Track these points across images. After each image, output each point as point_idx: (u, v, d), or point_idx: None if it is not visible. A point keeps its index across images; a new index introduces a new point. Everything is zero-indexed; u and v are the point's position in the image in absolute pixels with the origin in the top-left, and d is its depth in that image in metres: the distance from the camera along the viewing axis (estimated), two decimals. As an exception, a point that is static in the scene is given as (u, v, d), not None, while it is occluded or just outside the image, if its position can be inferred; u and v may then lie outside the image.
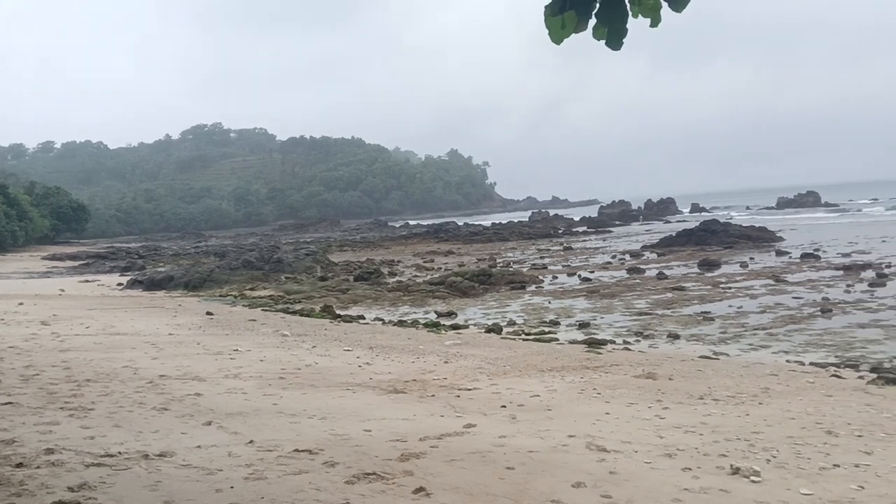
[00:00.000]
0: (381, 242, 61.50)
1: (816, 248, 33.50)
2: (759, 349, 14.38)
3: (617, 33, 3.52)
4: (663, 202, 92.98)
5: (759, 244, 38.66)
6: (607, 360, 12.76)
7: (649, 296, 22.43)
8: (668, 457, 6.67)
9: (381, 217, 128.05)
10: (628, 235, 56.48)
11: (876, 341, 14.43)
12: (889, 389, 10.14)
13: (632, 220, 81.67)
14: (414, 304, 23.66)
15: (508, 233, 61.96)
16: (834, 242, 37.11)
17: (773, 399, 9.44)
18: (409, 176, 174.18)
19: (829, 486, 5.82)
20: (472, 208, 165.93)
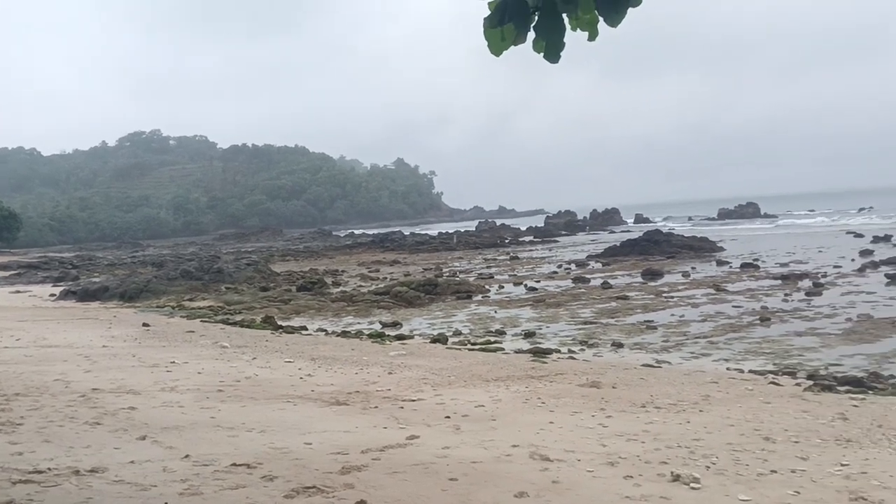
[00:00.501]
0: (326, 252, 60.99)
1: (756, 258, 34.49)
2: (701, 357, 14.71)
3: (555, 46, 3.58)
4: (608, 212, 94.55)
5: (700, 254, 39.59)
6: (552, 369, 12.87)
7: (594, 305, 22.75)
8: (610, 465, 6.76)
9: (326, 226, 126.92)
10: (574, 245, 57.23)
11: (812, 349, 14.90)
12: (824, 396, 10.47)
13: (577, 230, 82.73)
14: (358, 315, 23.51)
15: (455, 242, 62.13)
16: (772, 252, 38.25)
17: (714, 406, 9.65)
18: (354, 185, 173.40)
19: (767, 492, 5.96)
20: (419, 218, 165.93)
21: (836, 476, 6.42)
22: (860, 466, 6.71)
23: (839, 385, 11.34)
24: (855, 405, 9.59)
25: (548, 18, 3.54)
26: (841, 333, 16.23)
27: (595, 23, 3.59)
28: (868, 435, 7.96)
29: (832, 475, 6.44)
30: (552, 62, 3.63)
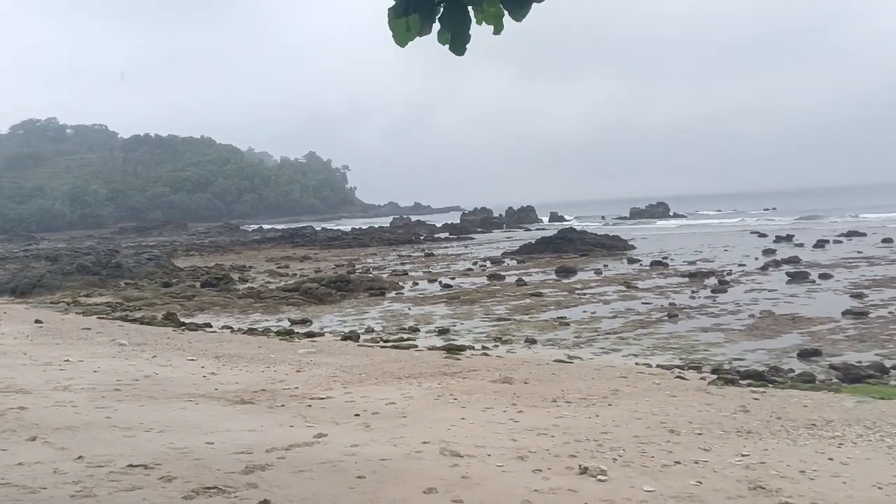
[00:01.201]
0: (232, 247, 59.62)
1: (665, 257, 35.67)
2: (611, 352, 15.12)
3: (460, 38, 3.60)
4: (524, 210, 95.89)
5: (612, 252, 40.66)
6: (465, 365, 12.98)
7: (508, 302, 23.06)
8: (520, 459, 6.87)
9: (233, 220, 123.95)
10: (490, 242, 57.85)
11: (717, 344, 15.53)
12: (727, 389, 10.94)
13: (493, 227, 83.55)
14: (266, 312, 23.11)
15: (369, 238, 61.74)
16: (681, 251, 39.68)
17: (622, 400, 9.94)
18: (263, 178, 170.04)
19: (671, 483, 6.18)
20: (331, 213, 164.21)
21: (736, 466, 6.72)
22: (759, 456, 7.04)
23: (741, 379, 11.86)
24: (756, 398, 10.06)
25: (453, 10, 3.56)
26: (744, 329, 16.97)
27: (500, 16, 3.62)
28: (767, 426, 8.37)
29: (733, 465, 6.74)
30: (458, 54, 3.65)
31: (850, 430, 8.06)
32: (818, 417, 8.72)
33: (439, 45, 3.68)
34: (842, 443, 7.59)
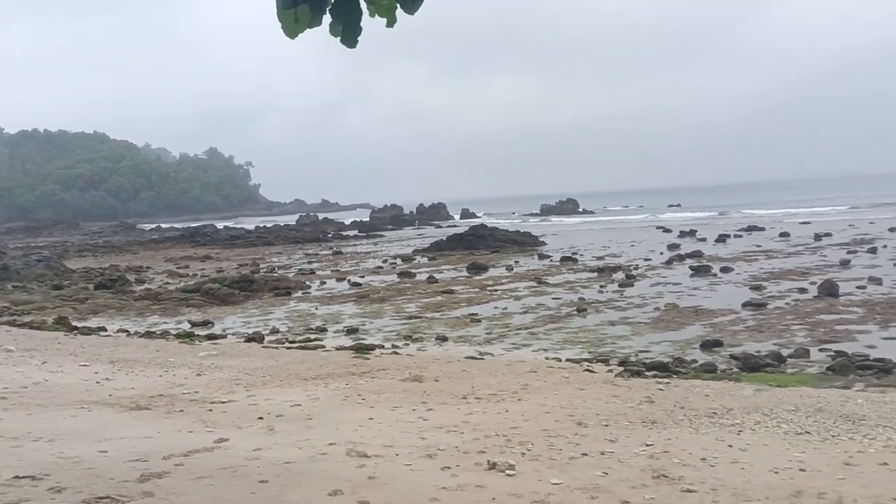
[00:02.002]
0: (129, 247, 57.66)
1: (574, 252, 36.50)
2: (522, 348, 15.37)
3: (352, 31, 3.56)
4: (435, 207, 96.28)
5: (523, 248, 41.33)
6: (375, 364, 12.94)
7: (419, 299, 23.11)
8: (428, 457, 6.89)
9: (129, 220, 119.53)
10: (400, 240, 57.82)
11: (624, 337, 16.00)
12: (633, 381, 11.29)
13: (404, 224, 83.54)
14: (165, 314, 22.42)
15: (274, 237, 60.72)
16: (590, 247, 40.69)
17: (532, 395, 10.11)
18: (161, 175, 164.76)
19: (577, 475, 6.32)
20: (234, 211, 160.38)
21: (641, 456, 6.92)
22: (663, 446, 7.28)
23: (647, 370, 12.28)
24: (660, 389, 10.41)
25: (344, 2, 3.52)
26: (650, 322, 17.55)
27: (392, 9, 3.60)
28: (671, 416, 8.67)
29: (638, 455, 6.94)
30: (349, 47, 3.61)
31: (749, 418, 8.43)
32: (719, 406, 9.09)
33: None
34: (741, 430, 7.93)
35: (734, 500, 5.65)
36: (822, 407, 8.78)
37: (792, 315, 17.28)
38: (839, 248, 31.48)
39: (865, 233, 38.69)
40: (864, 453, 6.86)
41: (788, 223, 49.66)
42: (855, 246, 32.02)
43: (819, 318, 16.71)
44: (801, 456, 6.81)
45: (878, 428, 7.75)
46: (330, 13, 3.53)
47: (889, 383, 10.57)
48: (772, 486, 5.95)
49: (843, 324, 15.92)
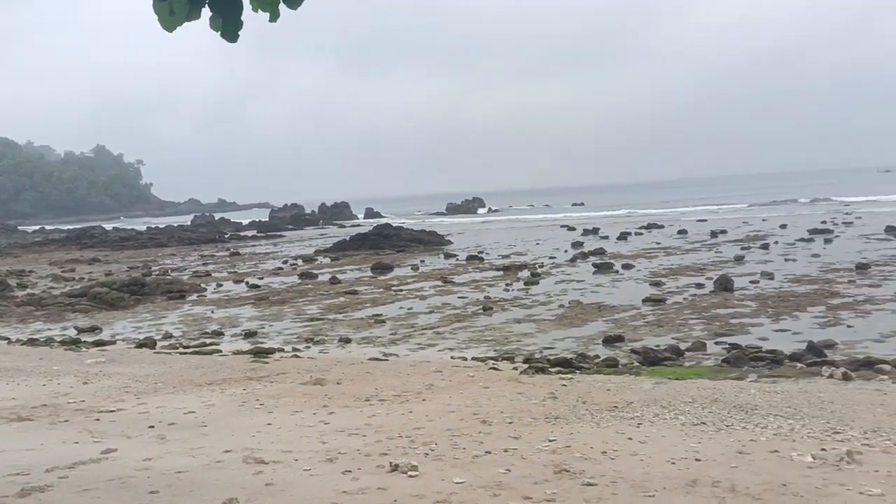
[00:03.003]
0: (10, 250, 54.88)
1: (481, 251, 36.93)
2: (427, 348, 15.43)
3: (233, 25, 3.49)
4: (338, 206, 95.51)
5: (429, 247, 41.49)
6: (274, 368, 12.73)
7: (322, 301, 22.88)
8: (329, 461, 6.83)
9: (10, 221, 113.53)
10: (301, 240, 57.09)
11: (529, 335, 16.29)
12: (538, 378, 11.50)
13: (305, 224, 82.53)
14: (49, 320, 21.46)
15: (167, 238, 58.91)
16: (496, 245, 41.24)
17: (436, 395, 10.16)
18: (44, 174, 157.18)
19: (481, 473, 6.39)
20: (124, 211, 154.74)
21: (543, 451, 7.06)
22: (565, 441, 7.45)
23: (551, 367, 12.52)
24: (564, 384, 10.65)
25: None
26: (554, 319, 17.92)
27: (276, 4, 3.56)
28: (574, 411, 8.88)
29: (540, 451, 7.08)
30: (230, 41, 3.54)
31: (649, 411, 8.72)
32: (620, 400, 9.36)
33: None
34: (640, 423, 8.20)
35: (633, 491, 5.84)
36: (718, 398, 9.17)
37: (689, 310, 17.98)
38: (734, 245, 32.95)
39: (759, 230, 40.69)
40: (756, 442, 7.21)
41: (686, 221, 51.64)
42: (748, 242, 33.61)
43: (715, 312, 17.45)
44: (697, 446, 7.09)
45: (769, 417, 8.15)
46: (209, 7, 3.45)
47: (780, 374, 11.14)
48: (669, 476, 6.17)
49: (737, 317, 16.67)
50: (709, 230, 41.22)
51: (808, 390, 9.47)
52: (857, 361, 11.48)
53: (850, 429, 7.51)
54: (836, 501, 5.41)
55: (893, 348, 12.86)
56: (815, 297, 18.39)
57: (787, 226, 41.31)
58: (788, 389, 9.59)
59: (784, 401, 8.88)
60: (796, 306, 17.44)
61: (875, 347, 12.99)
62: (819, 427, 7.63)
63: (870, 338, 13.83)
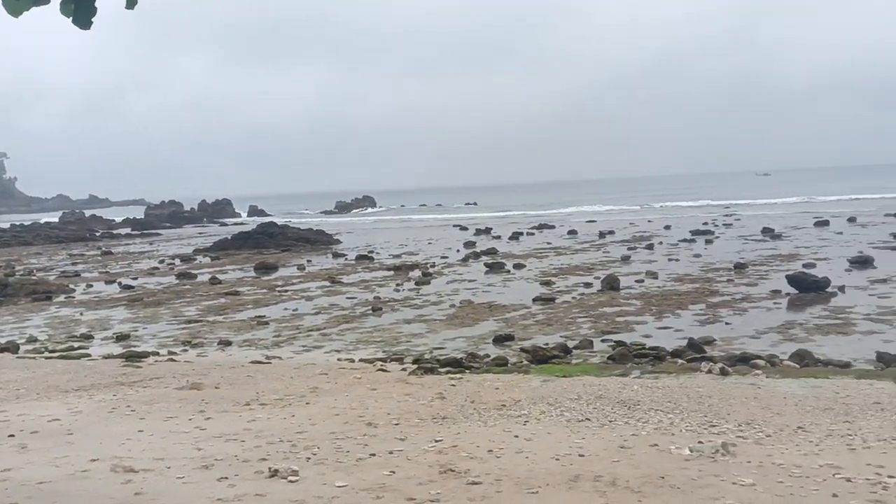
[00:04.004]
0: None
1: (371, 251, 36.84)
2: (313, 350, 15.25)
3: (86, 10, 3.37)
4: (219, 204, 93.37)
5: (317, 247, 41.08)
6: (148, 373, 12.32)
7: (201, 302, 22.28)
8: (204, 468, 6.65)
9: None
10: (180, 238, 55.44)
11: (419, 335, 16.35)
12: (427, 378, 11.56)
13: (185, 222, 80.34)
14: None
15: (32, 236, 56.11)
16: (387, 244, 41.23)
17: (321, 398, 10.07)
18: None
19: (364, 475, 6.37)
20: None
21: (430, 452, 7.11)
22: (452, 440, 7.53)
23: (441, 367, 12.61)
24: (453, 384, 10.75)
25: (73, -22, 3.32)
26: (445, 319, 18.07)
27: None
28: (462, 411, 8.98)
29: (426, 452, 7.13)
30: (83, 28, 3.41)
31: (535, 408, 8.92)
32: (508, 398, 9.53)
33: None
34: (527, 420, 8.37)
35: (517, 488, 5.95)
36: (602, 394, 9.47)
37: (578, 308, 18.50)
38: (621, 245, 34.12)
39: (644, 230, 42.30)
40: (638, 436, 7.49)
41: (576, 222, 53.10)
42: (635, 243, 34.88)
43: (602, 310, 18.02)
44: (581, 442, 7.31)
45: (651, 412, 8.48)
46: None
47: (662, 370, 11.60)
48: (553, 472, 6.33)
49: (623, 315, 17.27)
50: (597, 231, 42.53)
51: (688, 385, 9.90)
52: (734, 357, 12.10)
53: (725, 422, 7.91)
54: (710, 492, 5.68)
55: (767, 344, 13.66)
56: (697, 296, 19.27)
57: (672, 227, 43.10)
58: (669, 385, 10.00)
59: (665, 396, 9.26)
60: (678, 304, 18.22)
61: (751, 343, 13.74)
62: (697, 421, 8.00)
63: (746, 334, 14.62)
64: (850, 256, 24.46)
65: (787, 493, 5.61)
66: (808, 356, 11.79)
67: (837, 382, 9.78)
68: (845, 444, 6.97)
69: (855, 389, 9.27)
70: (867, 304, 16.99)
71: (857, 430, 7.43)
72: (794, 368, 11.14)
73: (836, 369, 11.04)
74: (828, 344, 13.43)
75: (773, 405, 8.59)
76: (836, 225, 39.10)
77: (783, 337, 14.24)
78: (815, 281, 19.09)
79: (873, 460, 6.37)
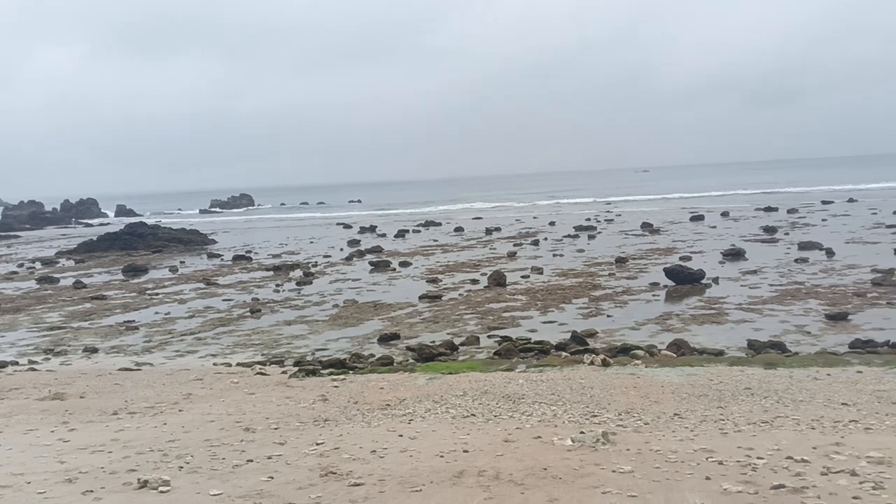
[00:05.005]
0: None
1: (249, 250, 36.11)
2: (187, 355, 14.82)
3: None
4: (84, 203, 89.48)
5: (191, 247, 39.92)
6: (5, 384, 11.73)
7: (64, 307, 21.27)
8: (68, 482, 6.36)
9: None
10: (41, 241, 52.75)
11: (301, 336, 16.15)
12: (309, 381, 11.43)
13: (46, 223, 76.60)
14: None
15: None
16: (266, 244, 40.50)
17: (195, 404, 9.79)
18: None
19: (240, 482, 6.24)
20: None
21: (310, 455, 7.03)
22: (334, 442, 7.47)
23: (323, 368, 12.50)
24: (336, 386, 10.67)
25: None
26: (328, 319, 17.90)
27: None
28: (344, 412, 8.93)
29: (307, 455, 7.04)
30: None
31: (421, 406, 8.97)
32: (393, 398, 9.55)
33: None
34: (412, 419, 8.41)
35: (400, 488, 5.96)
36: (488, 389, 9.62)
37: (465, 305, 18.71)
38: (507, 242, 34.75)
39: (530, 227, 43.21)
40: (522, 429, 7.64)
41: (463, 219, 53.66)
42: (521, 239, 35.60)
43: (489, 306, 18.29)
44: (466, 438, 7.39)
45: (535, 405, 8.68)
46: None
47: (546, 363, 11.88)
48: (437, 469, 6.37)
49: (509, 311, 17.59)
50: (484, 227, 43.12)
51: (571, 377, 10.17)
52: (615, 348, 12.55)
53: (606, 411, 8.18)
54: (591, 481, 5.86)
55: (647, 335, 14.22)
56: (580, 290, 19.84)
57: (556, 223, 44.22)
58: (553, 377, 10.25)
59: (549, 388, 9.49)
60: (563, 299, 18.71)
61: (631, 335, 14.27)
62: (579, 412, 8.24)
63: (627, 326, 15.18)
64: (724, 249, 25.82)
65: (664, 478, 5.86)
66: (684, 345, 12.35)
67: (711, 370, 10.29)
68: (718, 428, 7.34)
69: (727, 376, 9.78)
70: (739, 294, 17.96)
71: (729, 414, 7.85)
72: (671, 357, 11.64)
73: (711, 357, 11.62)
74: (703, 333, 14.11)
75: (651, 394, 8.95)
76: (711, 219, 41.09)
77: (661, 327, 14.85)
78: (691, 273, 20.00)
79: (744, 443, 6.73)
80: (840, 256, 23.26)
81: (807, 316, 15.15)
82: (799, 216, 39.93)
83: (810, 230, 32.32)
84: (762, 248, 26.68)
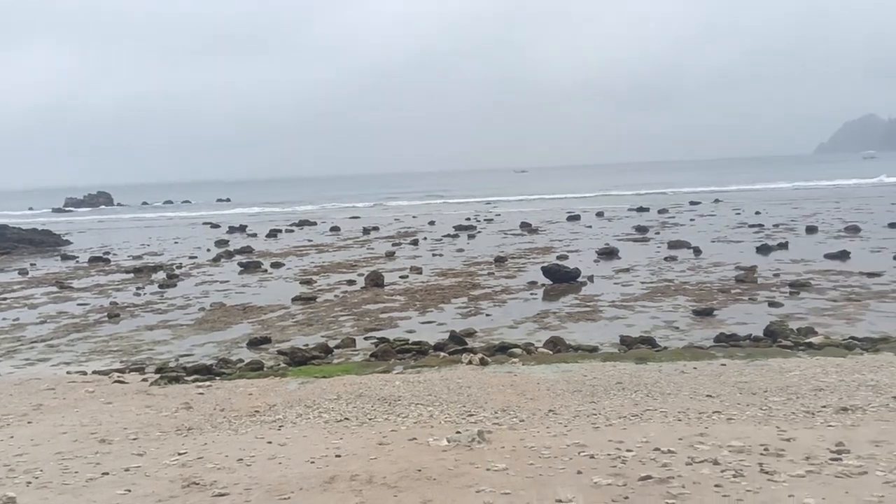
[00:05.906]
0: None
1: (107, 252, 34.65)
2: (38, 363, 14.08)
3: None
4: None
5: (42, 249, 38.04)
6: None
7: None
8: None
9: None
10: None
11: (164, 342, 15.60)
12: (171, 388, 11.06)
13: None
14: None
15: None
16: (125, 245, 38.97)
17: (46, 415, 9.32)
18: None
19: (94, 497, 5.97)
20: None
21: (172, 466, 6.80)
22: (198, 452, 7.25)
23: (188, 375, 12.12)
24: (201, 393, 10.37)
25: None
26: (193, 323, 17.38)
27: None
28: (210, 420, 8.69)
29: (168, 466, 6.81)
30: None
31: (292, 412, 8.83)
32: (262, 403, 9.36)
33: None
34: (282, 425, 8.27)
35: (267, 496, 5.85)
36: (363, 392, 9.57)
37: (341, 307, 18.56)
38: (385, 241, 34.73)
39: (409, 226, 43.36)
40: (397, 431, 7.64)
41: (340, 218, 53.27)
42: (399, 239, 35.66)
43: (366, 307, 18.21)
44: (339, 442, 7.33)
45: (412, 406, 8.70)
46: None
47: (424, 364, 11.93)
48: (307, 476, 6.29)
49: (387, 312, 17.57)
50: (361, 227, 42.93)
51: (449, 377, 10.26)
52: (493, 347, 12.74)
53: (483, 410, 8.30)
54: (465, 481, 5.92)
55: (525, 333, 14.52)
56: (459, 289, 20.04)
57: (436, 222, 44.55)
58: (431, 378, 10.31)
59: (426, 389, 9.54)
60: (442, 298, 18.85)
61: (509, 333, 14.53)
62: (456, 411, 8.32)
63: (505, 324, 15.44)
64: (598, 248, 26.73)
65: (537, 474, 5.98)
66: (560, 342, 12.69)
67: (585, 366, 10.62)
68: (591, 423, 7.57)
69: (601, 371, 10.11)
70: (612, 291, 18.61)
71: (601, 409, 8.11)
72: (548, 355, 11.92)
73: (585, 353, 11.98)
74: (578, 330, 14.53)
75: (527, 391, 9.13)
76: (587, 219, 42.41)
77: (539, 325, 15.20)
78: (568, 272, 20.57)
79: (614, 436, 6.97)
80: (706, 255, 24.47)
81: (675, 312, 15.84)
82: (669, 216, 41.75)
83: (679, 230, 33.85)
84: (634, 247, 27.74)
